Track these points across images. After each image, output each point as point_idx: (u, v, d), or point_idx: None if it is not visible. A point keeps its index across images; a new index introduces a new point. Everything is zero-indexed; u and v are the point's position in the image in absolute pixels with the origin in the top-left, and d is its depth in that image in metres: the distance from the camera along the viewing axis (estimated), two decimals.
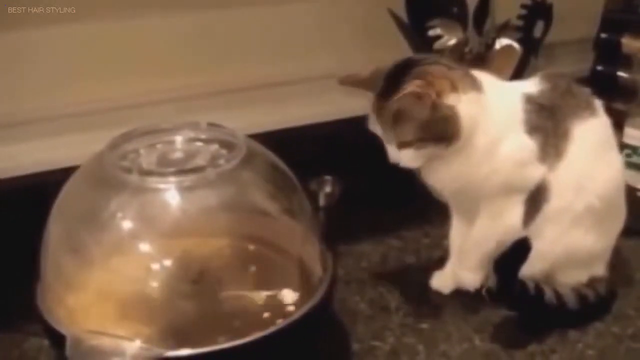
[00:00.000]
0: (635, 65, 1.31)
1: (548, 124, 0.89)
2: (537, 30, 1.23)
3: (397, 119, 0.85)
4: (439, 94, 0.84)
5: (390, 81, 0.86)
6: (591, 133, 0.91)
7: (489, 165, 0.88)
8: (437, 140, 0.85)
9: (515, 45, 1.18)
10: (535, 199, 0.91)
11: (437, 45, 1.15)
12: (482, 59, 1.15)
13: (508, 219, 0.91)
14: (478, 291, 0.94)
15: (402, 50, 1.19)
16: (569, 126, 0.90)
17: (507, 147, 0.88)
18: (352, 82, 0.90)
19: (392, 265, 1.05)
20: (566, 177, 0.90)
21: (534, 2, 1.22)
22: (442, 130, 0.85)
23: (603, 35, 1.35)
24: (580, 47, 1.36)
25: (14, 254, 0.90)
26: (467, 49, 1.15)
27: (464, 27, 1.16)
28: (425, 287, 1.00)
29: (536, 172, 0.90)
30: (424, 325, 0.93)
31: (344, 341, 0.90)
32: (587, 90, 0.95)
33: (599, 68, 1.36)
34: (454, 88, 0.85)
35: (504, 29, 1.19)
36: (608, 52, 1.34)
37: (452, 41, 1.15)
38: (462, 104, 0.85)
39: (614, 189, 0.94)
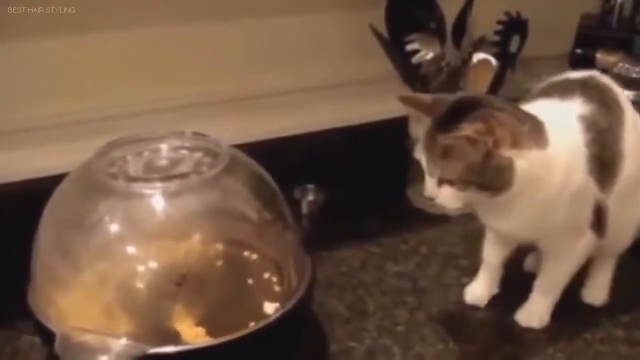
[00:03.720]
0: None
1: (607, 154, 0.86)
2: (513, 45, 1.25)
3: (446, 154, 0.80)
4: (497, 143, 0.79)
5: (452, 114, 0.80)
6: (630, 133, 0.88)
7: (555, 212, 0.85)
8: (481, 187, 0.80)
9: (492, 59, 1.19)
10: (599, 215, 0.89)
11: (415, 59, 1.17)
12: (459, 72, 1.16)
13: (582, 244, 0.90)
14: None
15: (388, 63, 1.22)
16: (621, 144, 0.87)
17: (571, 190, 0.84)
18: (413, 104, 0.86)
19: (371, 271, 1.07)
20: (621, 188, 0.88)
21: (510, 17, 1.24)
22: (491, 179, 0.80)
23: (578, 51, 1.38)
24: (556, 61, 1.37)
25: (7, 256, 0.91)
26: (443, 63, 1.17)
27: (442, 42, 1.18)
28: (402, 291, 1.02)
29: (592, 205, 0.87)
30: (400, 328, 0.95)
31: (322, 342, 0.92)
32: (617, 88, 0.92)
33: None
34: (516, 144, 0.79)
35: (480, 44, 1.20)
36: (583, 67, 1.34)
37: (430, 55, 1.17)
38: (522, 159, 0.80)
39: None
